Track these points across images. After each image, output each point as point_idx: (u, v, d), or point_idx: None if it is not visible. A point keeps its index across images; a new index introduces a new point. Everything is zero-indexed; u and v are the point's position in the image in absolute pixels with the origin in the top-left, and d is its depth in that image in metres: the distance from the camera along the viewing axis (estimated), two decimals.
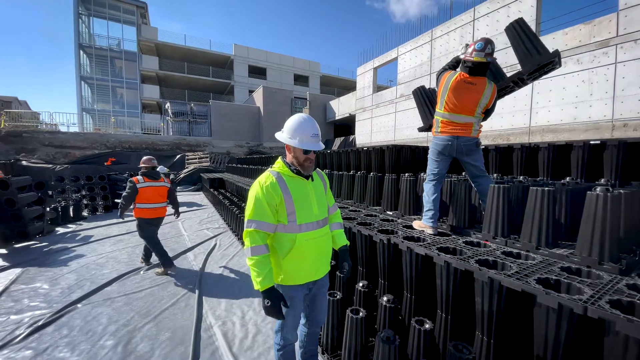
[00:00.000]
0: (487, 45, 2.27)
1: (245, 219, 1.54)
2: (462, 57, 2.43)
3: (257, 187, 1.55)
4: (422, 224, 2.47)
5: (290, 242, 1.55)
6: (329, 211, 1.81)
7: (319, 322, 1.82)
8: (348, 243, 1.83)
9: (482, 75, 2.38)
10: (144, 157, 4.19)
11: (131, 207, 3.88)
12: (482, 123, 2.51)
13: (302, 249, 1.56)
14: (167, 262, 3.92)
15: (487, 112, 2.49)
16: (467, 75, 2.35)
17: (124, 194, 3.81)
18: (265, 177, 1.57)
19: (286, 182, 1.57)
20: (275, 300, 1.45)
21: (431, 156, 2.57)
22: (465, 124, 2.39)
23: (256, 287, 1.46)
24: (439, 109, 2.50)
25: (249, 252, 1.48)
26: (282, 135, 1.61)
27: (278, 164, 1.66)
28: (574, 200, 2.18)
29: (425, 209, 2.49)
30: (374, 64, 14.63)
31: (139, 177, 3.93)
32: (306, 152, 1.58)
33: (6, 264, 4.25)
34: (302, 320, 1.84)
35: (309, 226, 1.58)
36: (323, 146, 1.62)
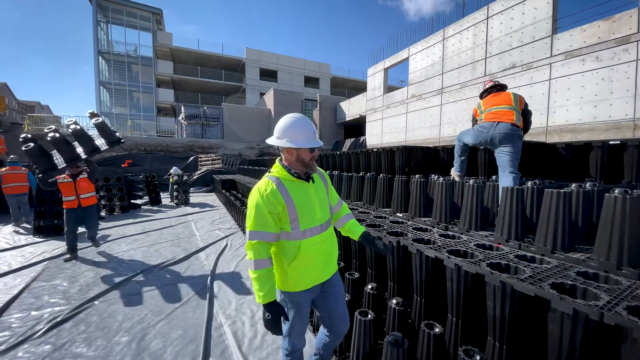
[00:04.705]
0: None
1: (247, 230, 1.45)
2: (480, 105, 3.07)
3: (257, 196, 1.44)
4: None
5: (295, 249, 1.49)
6: (335, 209, 1.77)
7: (341, 332, 1.70)
8: (365, 229, 1.78)
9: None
10: None
11: None
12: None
13: (308, 254, 1.51)
14: None
15: (525, 123, 2.86)
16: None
17: None
18: (265, 184, 1.48)
19: (287, 188, 1.48)
20: (275, 315, 1.41)
21: (457, 147, 3.16)
22: (506, 111, 2.75)
23: (258, 300, 1.41)
24: (480, 119, 2.96)
25: (252, 265, 1.42)
26: (282, 142, 1.52)
27: (277, 168, 1.57)
28: (592, 203, 2.10)
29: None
30: (384, 65, 14.54)
31: None
32: (312, 150, 1.55)
33: (30, 261, 4.44)
34: (324, 330, 1.74)
35: (312, 231, 1.52)
36: (322, 142, 1.59)
